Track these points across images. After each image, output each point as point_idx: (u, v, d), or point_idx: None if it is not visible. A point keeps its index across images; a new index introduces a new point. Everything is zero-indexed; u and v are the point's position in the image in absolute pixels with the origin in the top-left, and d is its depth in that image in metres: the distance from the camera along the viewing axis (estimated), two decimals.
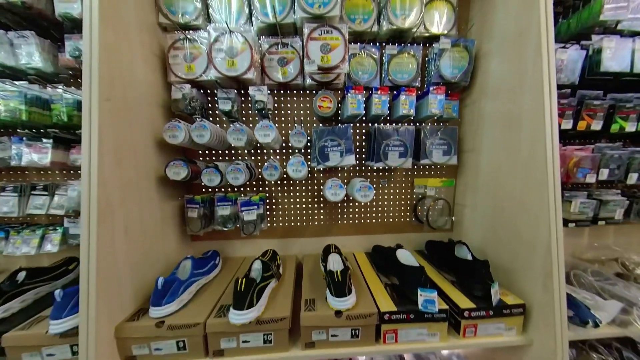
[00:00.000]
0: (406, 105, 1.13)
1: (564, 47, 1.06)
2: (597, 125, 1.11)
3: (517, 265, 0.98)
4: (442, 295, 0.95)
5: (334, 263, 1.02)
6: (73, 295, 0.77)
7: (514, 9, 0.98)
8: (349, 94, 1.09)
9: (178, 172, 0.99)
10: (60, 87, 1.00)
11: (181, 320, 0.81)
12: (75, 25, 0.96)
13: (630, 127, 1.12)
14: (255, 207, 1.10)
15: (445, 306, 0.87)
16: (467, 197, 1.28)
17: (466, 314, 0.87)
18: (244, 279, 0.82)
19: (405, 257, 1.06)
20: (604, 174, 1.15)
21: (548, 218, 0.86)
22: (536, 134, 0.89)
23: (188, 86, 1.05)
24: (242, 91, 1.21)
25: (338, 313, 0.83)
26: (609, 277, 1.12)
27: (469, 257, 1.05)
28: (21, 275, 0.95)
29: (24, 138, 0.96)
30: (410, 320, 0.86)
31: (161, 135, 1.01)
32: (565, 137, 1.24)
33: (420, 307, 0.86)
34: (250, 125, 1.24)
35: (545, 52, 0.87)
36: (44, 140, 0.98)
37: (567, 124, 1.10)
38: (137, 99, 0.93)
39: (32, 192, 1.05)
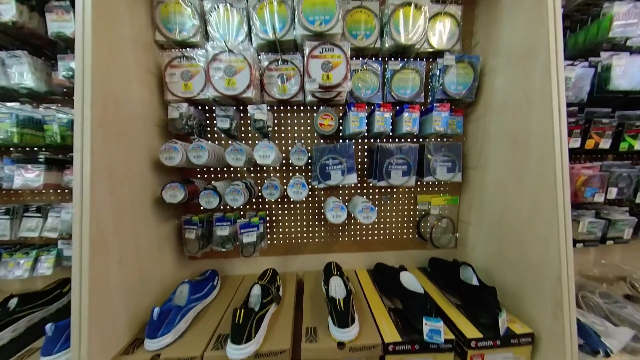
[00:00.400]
0: (409, 123, 1.10)
1: (572, 65, 1.04)
2: (605, 144, 1.08)
3: (525, 290, 0.95)
4: (448, 322, 0.92)
5: (336, 287, 0.99)
6: (65, 329, 0.74)
7: (521, 25, 0.95)
8: (350, 112, 1.07)
9: (175, 194, 0.96)
10: (54, 107, 0.97)
11: (177, 354, 0.78)
12: (69, 45, 0.93)
13: (639, 146, 1.09)
14: (255, 228, 1.07)
15: (451, 336, 0.85)
16: (471, 214, 1.25)
17: (473, 344, 0.84)
18: (242, 310, 0.79)
19: (409, 280, 1.03)
20: (613, 192, 1.12)
21: (558, 245, 0.83)
22: (545, 156, 0.86)
23: (185, 105, 1.02)
24: (242, 107, 1.18)
25: (340, 344, 0.80)
26: (618, 300, 1.09)
27: (475, 281, 1.02)
28: (12, 303, 0.92)
29: (14, 160, 0.93)
30: (416, 350, 0.83)
31: (157, 155, 0.98)
32: (572, 154, 1.21)
33: (425, 337, 0.83)
34: (250, 142, 1.21)
35: (554, 71, 0.84)
36: (37, 160, 0.95)
37: (575, 143, 1.07)
38: (132, 119, 0.90)
39: (25, 214, 1.02)
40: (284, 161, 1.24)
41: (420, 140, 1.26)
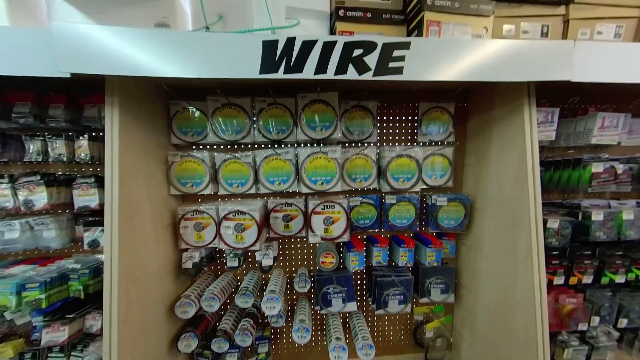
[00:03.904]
0: (405, 258, 1.19)
1: (553, 210, 1.12)
2: (588, 280, 1.17)
3: None
4: None
5: None
6: None
7: (505, 177, 1.03)
8: (350, 253, 1.15)
9: (189, 344, 1.05)
10: (78, 264, 1.05)
11: None
12: (92, 213, 1.02)
13: (619, 279, 1.17)
14: None
15: None
16: (465, 331, 1.33)
17: None
18: None
19: None
20: (596, 321, 1.20)
21: None
22: (527, 312, 0.94)
23: (197, 254, 1.10)
24: None
25: None
26: None
27: None
28: None
29: (42, 321, 1.01)
30: None
31: (172, 301, 1.07)
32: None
33: None
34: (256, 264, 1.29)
35: (534, 232, 0.93)
36: (64, 316, 1.04)
37: (560, 280, 1.15)
38: (151, 278, 0.98)
39: (49, 354, 1.10)
40: (287, 281, 1.32)
41: (417, 257, 1.35)
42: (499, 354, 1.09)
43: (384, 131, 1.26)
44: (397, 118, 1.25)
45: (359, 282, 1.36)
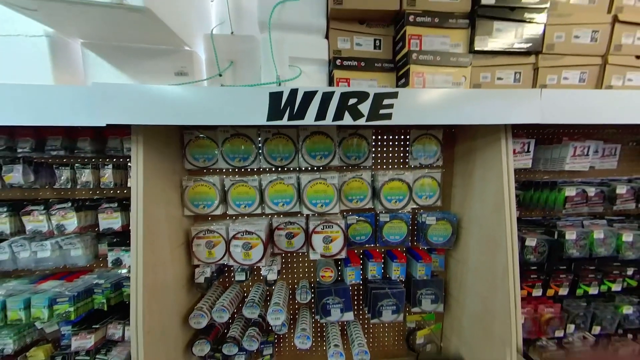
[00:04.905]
0: (398, 271, 1.31)
1: (531, 229, 1.23)
2: (564, 291, 1.28)
3: None
4: None
5: None
6: None
7: (487, 202, 1.14)
8: (347, 268, 1.27)
9: (202, 349, 1.16)
10: (101, 279, 1.17)
11: None
12: (114, 234, 1.13)
13: (593, 291, 1.29)
14: None
15: None
16: (453, 337, 1.44)
17: None
18: None
19: None
20: (571, 328, 1.32)
21: None
22: (504, 326, 1.06)
23: (209, 269, 1.22)
24: None
25: None
26: None
27: None
28: None
29: (70, 330, 1.13)
30: None
31: (185, 311, 1.18)
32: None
33: None
34: (262, 277, 1.41)
35: (510, 257, 1.04)
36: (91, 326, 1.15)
37: (538, 292, 1.27)
38: (167, 293, 1.10)
39: (76, 358, 1.22)
40: (290, 292, 1.43)
41: (409, 270, 1.46)
42: (481, 358, 1.21)
43: (378, 155, 1.37)
44: (391, 143, 1.37)
45: (355, 293, 1.48)
